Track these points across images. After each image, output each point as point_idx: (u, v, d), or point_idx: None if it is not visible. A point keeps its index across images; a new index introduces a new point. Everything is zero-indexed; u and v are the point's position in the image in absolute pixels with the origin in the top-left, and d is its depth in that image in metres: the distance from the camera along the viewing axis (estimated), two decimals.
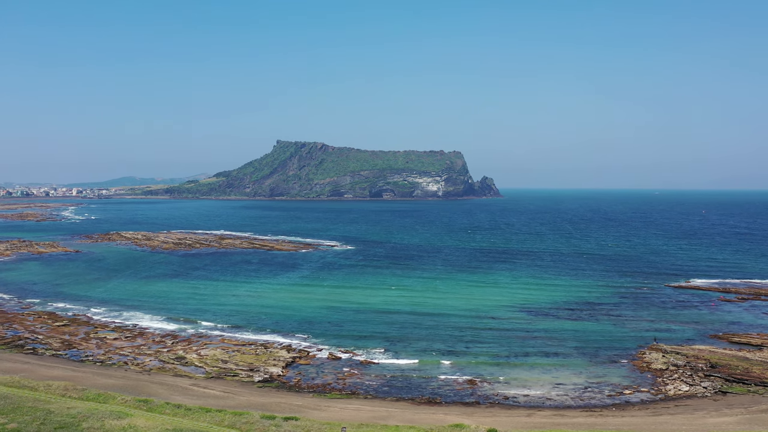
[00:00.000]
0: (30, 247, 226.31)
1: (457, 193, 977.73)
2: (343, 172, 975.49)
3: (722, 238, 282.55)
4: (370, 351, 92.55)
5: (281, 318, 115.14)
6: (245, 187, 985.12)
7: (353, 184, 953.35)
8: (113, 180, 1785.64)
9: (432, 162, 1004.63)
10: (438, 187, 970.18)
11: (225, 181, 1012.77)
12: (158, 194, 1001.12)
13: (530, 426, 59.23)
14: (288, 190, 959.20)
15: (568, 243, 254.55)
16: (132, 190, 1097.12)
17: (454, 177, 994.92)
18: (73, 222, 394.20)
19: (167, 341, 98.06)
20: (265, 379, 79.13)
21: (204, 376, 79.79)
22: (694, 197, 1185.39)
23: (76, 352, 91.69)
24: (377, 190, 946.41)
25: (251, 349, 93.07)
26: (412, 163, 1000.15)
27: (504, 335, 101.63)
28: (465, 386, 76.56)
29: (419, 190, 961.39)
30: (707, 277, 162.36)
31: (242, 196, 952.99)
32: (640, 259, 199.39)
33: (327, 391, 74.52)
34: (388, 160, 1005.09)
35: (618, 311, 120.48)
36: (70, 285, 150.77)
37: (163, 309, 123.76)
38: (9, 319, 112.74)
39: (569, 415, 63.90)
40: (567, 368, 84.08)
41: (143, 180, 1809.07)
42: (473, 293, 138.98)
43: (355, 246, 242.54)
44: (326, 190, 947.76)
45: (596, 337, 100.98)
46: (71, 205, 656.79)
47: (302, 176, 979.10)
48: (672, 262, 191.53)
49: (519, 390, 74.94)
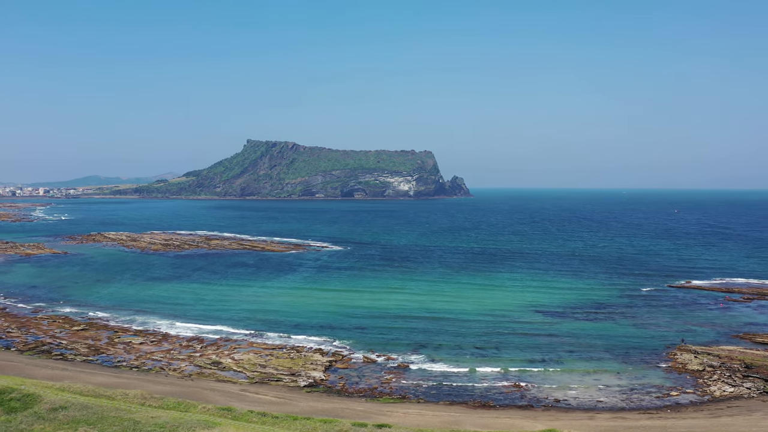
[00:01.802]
0: (15, 249, 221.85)
1: (429, 192, 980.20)
2: (315, 171, 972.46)
3: (704, 238, 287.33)
4: (403, 355, 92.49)
5: (300, 321, 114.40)
6: (216, 187, 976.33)
7: (325, 184, 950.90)
8: (78, 179, 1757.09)
9: (403, 162, 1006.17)
10: (409, 187, 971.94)
11: (195, 180, 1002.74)
12: (127, 194, 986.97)
13: (602, 430, 59.74)
14: (259, 190, 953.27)
15: (556, 243, 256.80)
16: (100, 189, 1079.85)
17: (425, 177, 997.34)
18: (48, 222, 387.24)
19: (195, 345, 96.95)
20: (311, 383, 78.72)
21: (248, 381, 79.09)
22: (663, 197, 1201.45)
23: (107, 357, 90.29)
24: (349, 190, 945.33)
25: (283, 353, 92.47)
26: (383, 162, 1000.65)
27: (529, 338, 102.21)
28: (512, 389, 76.97)
29: (391, 190, 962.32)
30: (704, 277, 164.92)
31: (213, 195, 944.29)
32: (633, 260, 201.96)
33: (377, 396, 74.35)
34: (360, 160, 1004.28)
35: (632, 312, 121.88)
36: (72, 288, 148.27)
37: (176, 312, 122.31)
38: (23, 323, 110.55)
39: (631, 418, 64.62)
40: (604, 370, 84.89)
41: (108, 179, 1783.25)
42: (482, 296, 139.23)
43: (346, 247, 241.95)
44: (297, 190, 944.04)
45: (620, 338, 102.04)
46: (40, 205, 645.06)
47: (273, 176, 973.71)
48: (664, 263, 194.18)
49: (566, 392, 75.52)
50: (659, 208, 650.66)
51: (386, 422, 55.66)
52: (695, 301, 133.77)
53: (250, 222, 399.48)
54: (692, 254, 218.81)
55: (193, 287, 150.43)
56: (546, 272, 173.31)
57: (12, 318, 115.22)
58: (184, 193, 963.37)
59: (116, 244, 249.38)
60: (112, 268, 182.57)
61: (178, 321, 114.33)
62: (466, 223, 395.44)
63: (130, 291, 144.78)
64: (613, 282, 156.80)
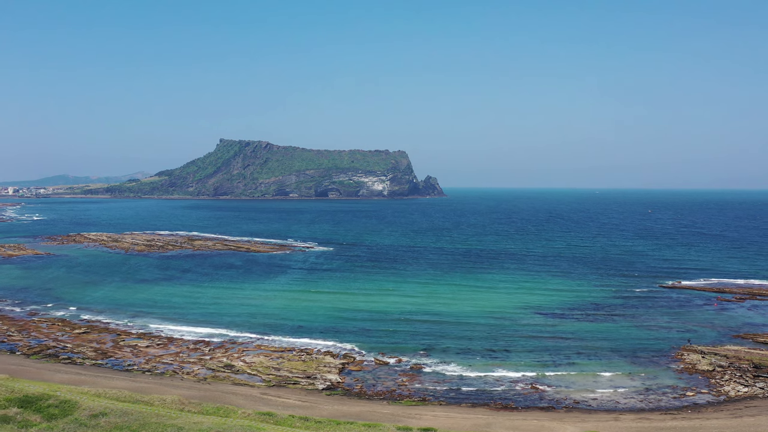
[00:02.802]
0: None
1: (403, 192, 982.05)
2: (289, 171, 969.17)
3: (682, 238, 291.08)
4: (414, 357, 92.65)
5: (302, 324, 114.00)
6: (188, 186, 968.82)
7: (299, 184, 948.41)
8: (46, 178, 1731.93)
9: (377, 161, 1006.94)
10: (383, 187, 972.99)
11: (167, 180, 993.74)
12: (98, 193, 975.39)
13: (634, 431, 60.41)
14: (232, 190, 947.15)
15: (539, 244, 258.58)
16: (71, 189, 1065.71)
17: (399, 176, 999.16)
18: (23, 222, 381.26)
19: (203, 348, 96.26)
20: (328, 386, 78.57)
21: (265, 385, 78.72)
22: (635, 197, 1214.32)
23: (116, 361, 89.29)
24: (323, 190, 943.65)
25: (294, 355, 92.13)
26: (357, 162, 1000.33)
27: (535, 339, 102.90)
28: (529, 391, 77.54)
29: (365, 190, 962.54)
30: (692, 277, 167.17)
31: (186, 195, 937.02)
32: (618, 260, 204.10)
33: (396, 398, 74.40)
34: (334, 160, 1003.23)
35: (630, 313, 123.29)
36: (63, 290, 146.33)
37: (173, 315, 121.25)
38: (22, 326, 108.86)
39: (655, 419, 65.45)
40: (615, 370, 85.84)
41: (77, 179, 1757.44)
42: (477, 297, 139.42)
43: (331, 247, 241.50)
44: (271, 190, 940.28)
45: (624, 339, 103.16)
46: (10, 205, 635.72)
47: (247, 175, 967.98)
48: (650, 263, 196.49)
49: (583, 394, 76.24)
50: (633, 208, 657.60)
51: (428, 425, 55.78)
52: (689, 301, 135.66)
53: (228, 222, 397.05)
54: (675, 254, 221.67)
55: (185, 289, 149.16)
56: (536, 273, 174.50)
57: (9, 321, 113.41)
58: (157, 193, 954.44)
59: (98, 244, 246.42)
60: (99, 269, 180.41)
61: (177, 324, 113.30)
62: (446, 223, 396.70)
63: (122, 293, 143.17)
64: (604, 282, 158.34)
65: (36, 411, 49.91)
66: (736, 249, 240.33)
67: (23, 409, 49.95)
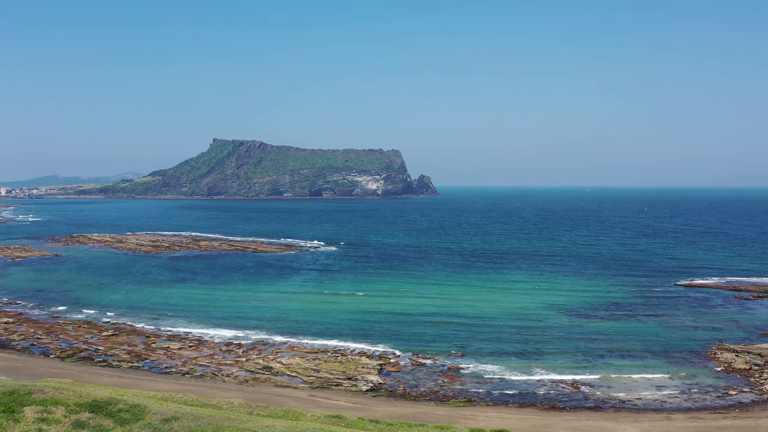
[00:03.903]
0: (3, 252, 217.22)
1: (397, 191, 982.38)
2: (283, 170, 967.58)
3: (684, 236, 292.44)
4: (449, 358, 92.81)
5: (328, 324, 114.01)
6: (182, 187, 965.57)
7: (293, 183, 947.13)
8: (37, 179, 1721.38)
9: (371, 160, 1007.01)
10: (377, 186, 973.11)
11: (161, 180, 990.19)
12: (92, 194, 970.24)
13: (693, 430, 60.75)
14: (226, 189, 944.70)
15: (545, 243, 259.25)
16: (63, 189, 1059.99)
17: (393, 175, 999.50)
18: (21, 224, 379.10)
19: (236, 350, 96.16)
20: (371, 387, 78.65)
21: (309, 386, 78.72)
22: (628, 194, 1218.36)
23: (151, 363, 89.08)
24: (317, 189, 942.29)
25: (328, 356, 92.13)
26: (351, 161, 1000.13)
27: (565, 339, 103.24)
28: (572, 391, 77.81)
29: (359, 189, 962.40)
30: (705, 275, 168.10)
31: (179, 195, 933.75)
32: (628, 259, 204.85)
33: (442, 399, 74.53)
34: (328, 159, 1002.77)
35: (652, 312, 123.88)
36: (80, 292, 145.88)
37: (196, 316, 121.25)
38: (48, 329, 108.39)
39: (707, 418, 65.88)
40: (652, 370, 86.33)
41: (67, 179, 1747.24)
42: (496, 298, 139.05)
43: (338, 248, 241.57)
44: (265, 189, 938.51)
45: (653, 338, 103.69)
46: (4, 206, 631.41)
47: (241, 175, 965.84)
48: (660, 262, 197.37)
49: (627, 394, 76.55)
50: (628, 206, 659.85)
51: (503, 427, 55.93)
52: (708, 300, 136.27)
53: (228, 222, 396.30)
54: (682, 253, 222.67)
55: (201, 291, 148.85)
56: (549, 273, 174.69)
57: (34, 323, 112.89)
58: (150, 193, 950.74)
59: (103, 245, 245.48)
60: (110, 271, 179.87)
61: (202, 325, 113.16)
62: (447, 222, 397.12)
63: (139, 295, 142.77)
64: (618, 282, 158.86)
65: (107, 416, 49.78)
66: (741, 247, 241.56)
67: (94, 414, 49.80)
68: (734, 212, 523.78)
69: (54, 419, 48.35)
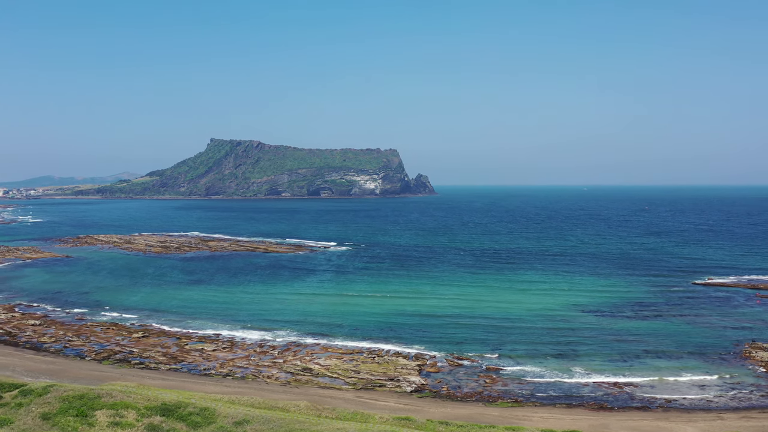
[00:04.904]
0: (13, 253, 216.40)
1: (395, 190, 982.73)
2: (281, 170, 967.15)
3: (691, 235, 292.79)
4: (485, 358, 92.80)
5: (356, 325, 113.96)
6: (180, 187, 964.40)
7: (291, 183, 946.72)
8: (32, 179, 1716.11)
9: (369, 160, 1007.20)
10: (376, 185, 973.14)
11: (159, 180, 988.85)
12: (89, 194, 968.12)
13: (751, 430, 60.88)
14: (224, 189, 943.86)
15: (553, 242, 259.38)
16: (61, 190, 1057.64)
17: (391, 175, 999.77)
18: (24, 225, 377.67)
19: (270, 351, 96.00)
20: (415, 388, 78.60)
21: (352, 388, 78.63)
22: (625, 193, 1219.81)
23: (189, 365, 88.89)
24: (315, 189, 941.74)
25: (364, 357, 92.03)
26: (349, 161, 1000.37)
27: (596, 339, 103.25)
28: (617, 391, 77.86)
29: (357, 189, 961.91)
30: (719, 274, 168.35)
31: (177, 195, 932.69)
32: (640, 258, 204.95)
33: (489, 400, 74.49)
34: (326, 159, 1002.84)
35: (677, 311, 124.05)
36: (99, 294, 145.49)
37: (221, 318, 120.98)
38: (77, 331, 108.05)
39: (760, 417, 66.03)
40: (691, 369, 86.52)
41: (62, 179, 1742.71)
42: (517, 298, 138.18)
43: (348, 248, 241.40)
44: (264, 189, 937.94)
45: (684, 337, 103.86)
46: (2, 207, 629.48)
47: (239, 175, 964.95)
48: (672, 260, 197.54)
49: (670, 393, 76.73)
50: (627, 205, 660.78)
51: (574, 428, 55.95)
52: (730, 298, 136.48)
53: (231, 222, 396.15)
54: (692, 251, 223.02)
55: (221, 292, 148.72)
56: (565, 272, 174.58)
57: (61, 325, 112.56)
58: (148, 193, 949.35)
59: (112, 246, 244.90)
60: (125, 272, 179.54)
61: (229, 327, 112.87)
62: (451, 222, 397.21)
63: (159, 296, 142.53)
64: (636, 281, 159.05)
65: (179, 419, 49.59)
66: (750, 245, 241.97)
67: (165, 417, 49.62)
68: (735, 210, 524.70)
69: (127, 423, 48.18)
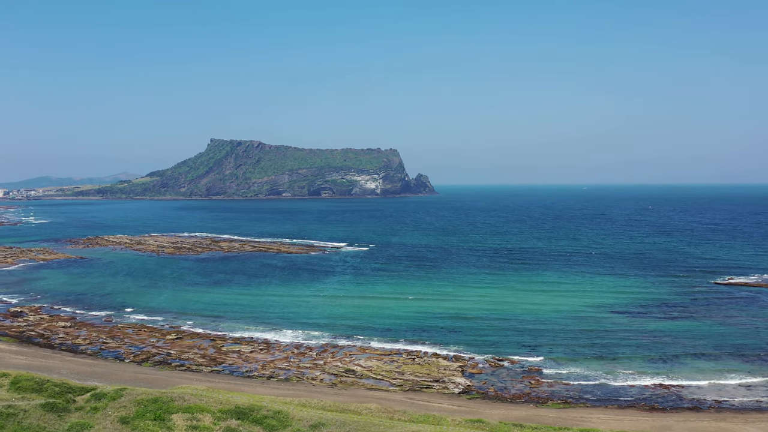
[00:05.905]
0: (27, 255, 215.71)
1: (395, 190, 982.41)
2: (281, 170, 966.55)
3: (700, 234, 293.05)
4: (523, 359, 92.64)
5: (388, 326, 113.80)
6: (180, 187, 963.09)
7: (291, 183, 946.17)
8: (30, 180, 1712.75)
9: (370, 160, 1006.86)
10: (376, 185, 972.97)
11: (159, 180, 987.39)
12: (90, 195, 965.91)
13: None
14: (225, 190, 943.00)
15: (566, 242, 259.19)
16: (61, 190, 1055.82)
17: (392, 175, 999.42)
18: (29, 226, 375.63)
19: (308, 353, 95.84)
20: (463, 390, 78.46)
21: (399, 389, 78.49)
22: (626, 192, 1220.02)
23: (230, 367, 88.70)
24: (316, 189, 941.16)
25: (404, 358, 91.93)
26: (350, 161, 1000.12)
27: (632, 339, 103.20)
28: (665, 392, 77.85)
29: (358, 188, 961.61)
30: (738, 273, 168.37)
31: (178, 195, 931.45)
32: (656, 258, 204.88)
33: (538, 401, 74.40)
34: (326, 159, 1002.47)
35: (705, 311, 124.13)
36: (122, 295, 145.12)
37: (251, 319, 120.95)
38: (109, 333, 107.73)
39: None
40: (734, 369, 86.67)
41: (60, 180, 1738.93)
42: (543, 299, 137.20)
43: (361, 248, 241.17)
44: (264, 189, 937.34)
45: (718, 337, 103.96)
46: (4, 207, 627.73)
47: (239, 175, 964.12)
48: (689, 260, 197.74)
49: (718, 393, 76.82)
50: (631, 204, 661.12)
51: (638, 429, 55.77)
52: (755, 298, 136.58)
53: (236, 222, 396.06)
54: (706, 251, 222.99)
55: (245, 293, 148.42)
56: (585, 273, 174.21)
57: (93, 327, 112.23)
58: (149, 194, 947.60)
59: (123, 247, 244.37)
60: (142, 273, 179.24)
61: (261, 328, 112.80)
62: (458, 222, 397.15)
63: (183, 298, 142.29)
64: (657, 281, 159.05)
65: (254, 422, 49.35)
66: (760, 245, 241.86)
67: (241, 420, 49.38)
68: (738, 210, 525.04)
69: (204, 426, 47.94)
